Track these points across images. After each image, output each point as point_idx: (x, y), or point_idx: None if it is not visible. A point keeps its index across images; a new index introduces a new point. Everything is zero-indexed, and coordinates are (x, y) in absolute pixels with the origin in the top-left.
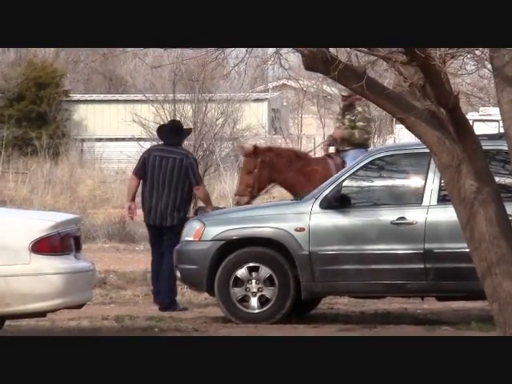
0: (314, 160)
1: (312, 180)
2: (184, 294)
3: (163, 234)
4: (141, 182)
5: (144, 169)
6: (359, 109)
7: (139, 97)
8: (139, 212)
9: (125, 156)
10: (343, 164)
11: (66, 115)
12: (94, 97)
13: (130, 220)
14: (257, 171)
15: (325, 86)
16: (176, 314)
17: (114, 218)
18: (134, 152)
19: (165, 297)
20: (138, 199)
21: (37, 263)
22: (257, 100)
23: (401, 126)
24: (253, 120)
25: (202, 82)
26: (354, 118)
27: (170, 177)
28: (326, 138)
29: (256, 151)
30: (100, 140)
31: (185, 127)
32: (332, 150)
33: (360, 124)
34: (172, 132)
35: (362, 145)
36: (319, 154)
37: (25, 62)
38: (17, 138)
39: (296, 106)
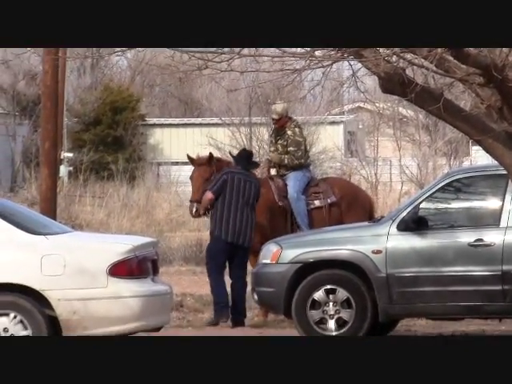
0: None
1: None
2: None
3: (236, 253)
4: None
5: (223, 189)
6: (289, 132)
7: (215, 120)
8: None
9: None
10: (285, 186)
11: (141, 139)
12: (170, 121)
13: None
14: (213, 179)
15: (400, 109)
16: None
17: (191, 241)
18: None
19: (241, 316)
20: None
21: (114, 286)
22: (333, 123)
23: (477, 147)
24: (329, 143)
25: None
26: (285, 143)
27: (253, 199)
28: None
29: (211, 159)
30: (176, 164)
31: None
32: (273, 172)
33: (291, 149)
34: (250, 160)
35: (303, 166)
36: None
37: (101, 86)
38: (93, 163)
39: (372, 129)
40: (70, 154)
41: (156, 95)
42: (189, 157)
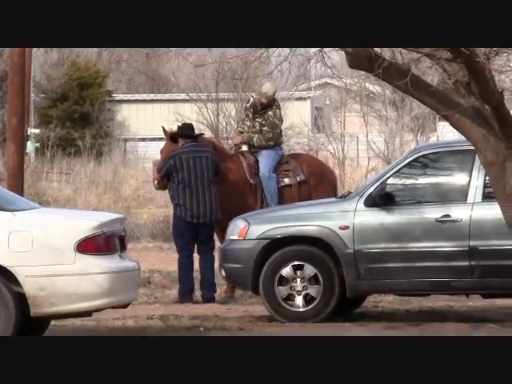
0: (228, 157)
1: (225, 179)
2: None
3: (200, 231)
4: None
5: (169, 173)
6: (270, 113)
7: (182, 96)
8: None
9: None
10: (256, 163)
11: (108, 115)
12: (137, 96)
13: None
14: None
15: (367, 84)
16: (221, 312)
17: (158, 218)
18: None
19: (211, 290)
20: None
21: (82, 263)
22: (300, 99)
23: (444, 123)
24: (295, 119)
25: (245, 81)
26: (264, 122)
27: (209, 173)
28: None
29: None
30: (143, 140)
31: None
32: (245, 147)
33: (265, 129)
34: (193, 130)
35: (271, 146)
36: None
37: (68, 62)
38: (60, 139)
39: (339, 105)
40: (37, 130)
41: (123, 71)
42: (163, 129)
